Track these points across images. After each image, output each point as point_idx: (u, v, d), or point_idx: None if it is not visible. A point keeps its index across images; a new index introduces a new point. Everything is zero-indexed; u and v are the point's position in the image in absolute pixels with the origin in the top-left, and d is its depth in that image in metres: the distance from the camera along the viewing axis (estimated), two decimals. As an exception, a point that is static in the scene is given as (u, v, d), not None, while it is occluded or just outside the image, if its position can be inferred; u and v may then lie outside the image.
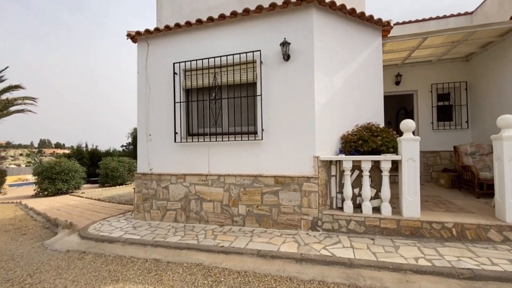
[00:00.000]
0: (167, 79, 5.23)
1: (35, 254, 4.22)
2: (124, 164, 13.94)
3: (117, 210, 6.80)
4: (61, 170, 10.97)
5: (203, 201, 4.91)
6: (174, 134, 5.09)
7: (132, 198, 9.16)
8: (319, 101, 4.38)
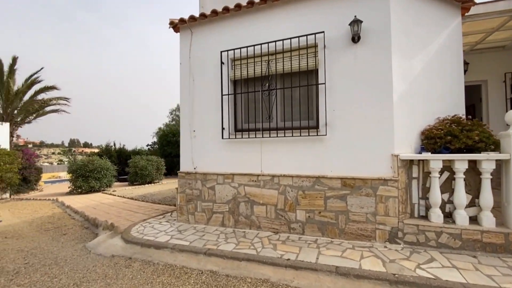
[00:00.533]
0: (213, 69, 4.75)
1: (79, 259, 3.88)
2: (153, 162, 13.84)
3: (154, 210, 6.46)
4: (93, 168, 10.97)
5: (254, 204, 4.37)
6: (221, 129, 4.59)
7: (165, 198, 8.90)
8: (398, 89, 3.68)
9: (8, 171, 9.71)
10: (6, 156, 9.74)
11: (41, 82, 14.28)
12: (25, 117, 14.57)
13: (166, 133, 17.08)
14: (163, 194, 9.53)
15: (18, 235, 5.23)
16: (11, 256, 4.10)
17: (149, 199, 8.35)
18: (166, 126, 23.07)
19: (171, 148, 16.69)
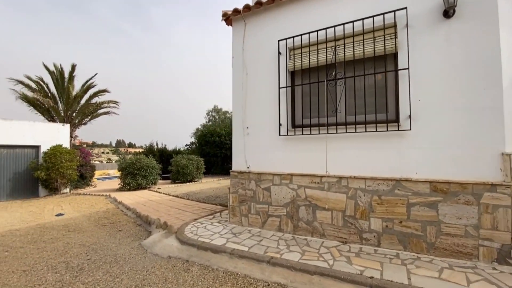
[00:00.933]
0: (268, 61, 4.37)
1: (137, 258, 3.76)
2: (193, 162, 14.06)
3: (202, 209, 6.31)
4: (141, 166, 11.41)
5: (316, 209, 3.87)
6: (278, 125, 4.18)
7: (209, 197, 8.82)
8: (508, 73, 2.91)
9: (69, 168, 10.49)
10: (67, 154, 10.54)
11: (95, 86, 15.39)
12: (81, 119, 15.84)
13: (204, 133, 17.34)
14: (206, 193, 9.48)
15: (79, 229, 5.41)
16: (74, 250, 4.15)
17: (194, 198, 8.31)
18: (203, 127, 23.59)
19: (209, 148, 16.88)
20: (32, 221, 6.30)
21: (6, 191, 9.87)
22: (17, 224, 5.99)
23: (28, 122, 10.43)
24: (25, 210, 7.75)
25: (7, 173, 9.92)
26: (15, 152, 10.16)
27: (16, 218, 6.67)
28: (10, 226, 5.86)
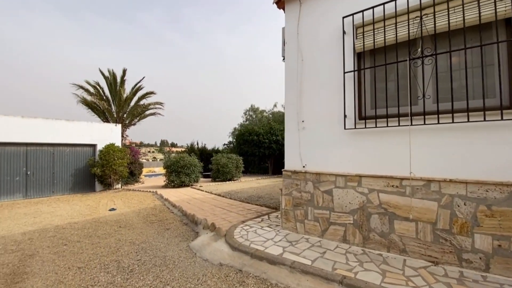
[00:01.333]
0: (329, 43, 3.74)
1: (186, 262, 3.44)
2: (232, 160, 13.91)
3: (247, 210, 5.90)
4: (184, 164, 11.56)
5: (394, 219, 3.12)
6: (343, 117, 3.52)
7: (251, 196, 8.42)
8: None
9: (120, 165, 11.06)
10: (119, 152, 11.12)
11: (142, 89, 16.24)
12: (131, 120, 16.87)
13: (243, 132, 17.16)
14: (247, 193, 9.12)
15: (129, 225, 5.40)
16: (125, 248, 4.03)
17: (236, 197, 8.00)
18: (241, 126, 23.57)
19: (247, 147, 16.63)
20: (88, 215, 6.56)
21: (68, 185, 10.76)
22: (76, 217, 6.26)
23: (86, 122, 11.27)
24: (84, 204, 8.23)
25: (69, 169, 10.82)
26: (75, 150, 11.04)
27: (76, 211, 7.05)
28: (70, 219, 6.15)
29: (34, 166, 10.05)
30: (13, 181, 9.57)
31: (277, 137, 15.81)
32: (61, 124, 10.59)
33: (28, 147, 9.96)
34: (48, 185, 10.29)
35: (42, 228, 5.40)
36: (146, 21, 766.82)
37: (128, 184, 13.36)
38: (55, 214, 6.75)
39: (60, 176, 10.59)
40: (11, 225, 5.77)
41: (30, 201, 9.18)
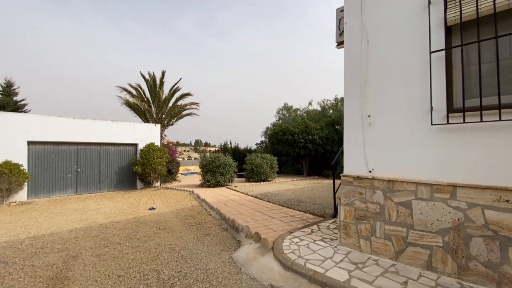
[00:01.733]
0: (406, 17, 2.96)
1: (231, 279, 2.96)
2: (267, 161, 13.38)
3: (290, 217, 5.29)
4: (219, 164, 11.34)
5: (509, 245, 2.26)
6: (430, 110, 2.72)
7: (289, 200, 7.77)
8: None
9: (159, 164, 11.22)
10: (158, 152, 11.30)
11: (179, 90, 16.53)
12: (169, 120, 17.33)
13: (276, 132, 16.53)
14: (285, 195, 8.49)
15: (168, 227, 5.15)
16: (165, 255, 3.70)
17: (274, 200, 7.43)
18: (273, 125, 22.97)
19: (281, 147, 15.96)
20: (129, 213, 6.53)
21: (113, 182, 11.22)
22: (118, 216, 6.26)
23: (128, 123, 11.67)
24: (126, 202, 8.36)
25: (113, 167, 11.27)
26: (119, 149, 11.48)
27: (118, 209, 7.12)
28: (113, 217, 6.15)
29: (83, 164, 10.62)
30: (65, 178, 10.21)
31: (313, 136, 14.89)
32: (107, 125, 11.07)
33: (78, 146, 10.56)
34: (95, 182, 10.82)
35: (87, 226, 5.42)
36: (181, 27, 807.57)
37: (166, 182, 13.62)
38: (100, 211, 6.86)
39: (106, 174, 11.08)
40: (61, 221, 5.93)
41: (80, 197, 9.68)
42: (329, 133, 15.50)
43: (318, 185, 11.52)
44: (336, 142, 15.89)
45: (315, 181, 13.40)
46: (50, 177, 9.93)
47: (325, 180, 13.74)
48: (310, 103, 19.60)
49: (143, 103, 15.62)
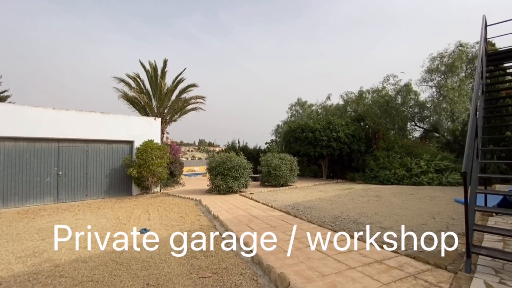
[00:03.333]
0: None
1: None
2: (286, 162, 11.13)
3: (375, 263, 3.05)
4: (231, 166, 9.11)
5: None
6: None
7: (336, 218, 5.39)
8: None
9: (159, 166, 9.02)
10: (157, 151, 9.10)
11: (183, 81, 14.33)
12: (172, 116, 15.15)
13: (293, 129, 14.25)
14: (323, 210, 6.22)
15: (162, 281, 2.91)
16: None
17: (315, 218, 5.18)
18: (284, 124, 20.70)
19: (300, 146, 13.67)
20: (110, 240, 4.32)
21: (103, 187, 9.04)
22: (93, 245, 4.05)
23: (123, 116, 9.49)
24: (113, 216, 6.17)
25: (104, 169, 9.10)
26: (111, 147, 9.31)
27: (99, 229, 4.94)
28: (82, 249, 3.94)
29: (66, 166, 8.45)
30: (43, 183, 8.04)
31: (337, 133, 12.58)
32: (96, 117, 8.89)
33: (60, 143, 8.39)
34: (81, 187, 8.64)
35: (35, 269, 3.22)
36: (184, 26, 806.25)
37: (167, 187, 11.43)
38: (71, 235, 4.66)
39: (94, 177, 8.90)
40: (4, 254, 3.75)
41: (59, 207, 7.50)
42: (356, 130, 13.18)
43: (353, 192, 9.22)
44: (363, 140, 13.57)
45: (343, 186, 11.09)
46: (24, 181, 7.76)
47: (355, 185, 11.42)
48: (329, 97, 17.29)
49: (142, 95, 13.44)
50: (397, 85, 14.06)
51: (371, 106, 13.65)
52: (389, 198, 7.83)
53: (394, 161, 12.10)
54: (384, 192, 9.05)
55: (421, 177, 11.12)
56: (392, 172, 11.70)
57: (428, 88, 13.23)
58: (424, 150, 12.22)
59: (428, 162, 11.54)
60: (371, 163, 12.60)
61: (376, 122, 13.65)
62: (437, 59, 12.98)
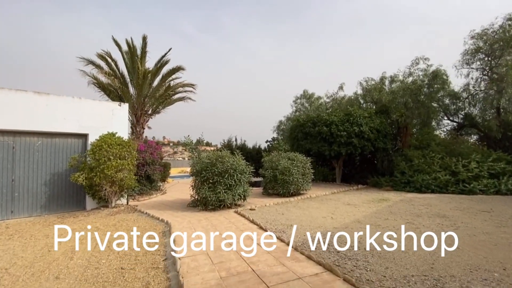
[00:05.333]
0: None
1: None
2: (297, 163, 8.27)
3: None
4: (224, 169, 6.24)
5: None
6: None
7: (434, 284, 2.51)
8: None
9: (120, 169, 6.11)
10: (117, 148, 6.20)
11: (168, 63, 11.41)
12: (156, 108, 12.25)
13: (302, 122, 11.38)
14: (386, 253, 3.37)
15: None
16: None
17: (386, 281, 2.37)
18: (288, 119, 17.86)
19: (310, 143, 10.81)
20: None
21: (40, 201, 6.13)
22: None
23: (71, 98, 6.56)
24: (35, 249, 3.25)
25: (42, 174, 6.18)
26: (53, 142, 6.39)
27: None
28: None
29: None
30: None
31: (360, 127, 9.75)
32: (27, 99, 5.97)
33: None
34: (2, 201, 5.72)
35: None
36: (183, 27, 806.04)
37: (143, 195, 8.54)
38: None
39: (25, 186, 5.98)
40: None
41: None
42: (382, 123, 10.35)
43: (394, 207, 6.35)
44: (390, 136, 10.75)
45: (373, 196, 8.22)
46: None
47: (385, 193, 8.53)
48: (341, 87, 14.43)
49: (116, 79, 10.52)
50: (426, 71, 11.28)
51: (398, 94, 10.84)
52: (462, 220, 5.01)
53: (433, 162, 9.28)
54: (440, 207, 6.22)
55: (472, 184, 8.31)
56: (432, 176, 8.88)
57: (472, 71, 10.43)
58: (472, 149, 9.42)
59: (479, 164, 8.75)
60: (401, 164, 9.77)
61: (404, 115, 10.83)
62: (482, 35, 10.19)
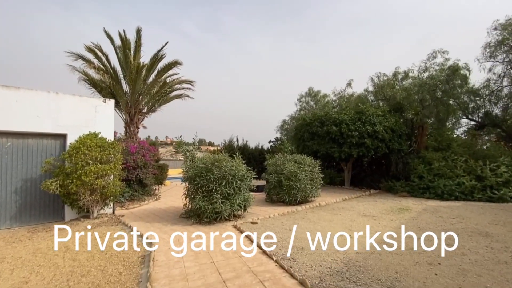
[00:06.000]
0: None
1: None
2: (305, 167, 7.32)
3: None
4: (222, 175, 5.30)
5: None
6: None
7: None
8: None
9: (100, 175, 5.21)
10: (97, 150, 5.29)
11: (165, 58, 10.50)
12: (151, 106, 11.39)
13: (309, 121, 10.41)
14: None
15: None
16: None
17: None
18: (292, 118, 16.90)
19: (318, 144, 9.84)
20: None
21: (10, 211, 5.26)
22: None
23: (46, 93, 5.68)
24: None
25: (12, 180, 5.31)
26: (25, 144, 5.51)
27: None
28: None
29: None
30: None
31: (373, 127, 8.76)
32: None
33: None
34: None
35: None
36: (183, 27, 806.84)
37: (134, 201, 7.66)
38: None
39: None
40: None
41: None
42: (396, 123, 9.34)
43: (420, 219, 5.35)
44: (405, 136, 9.73)
45: (390, 204, 7.22)
46: None
47: (402, 200, 7.53)
48: (349, 84, 13.42)
49: (107, 75, 9.65)
50: (443, 65, 10.25)
51: (413, 90, 9.82)
52: (511, 240, 4.01)
53: (456, 165, 8.26)
54: (476, 221, 5.22)
55: (502, 190, 7.28)
56: (455, 181, 7.86)
57: (497, 65, 9.37)
58: (500, 151, 8.38)
59: (509, 168, 7.72)
60: (419, 168, 8.76)
61: (420, 113, 9.81)
62: (507, 26, 9.14)
